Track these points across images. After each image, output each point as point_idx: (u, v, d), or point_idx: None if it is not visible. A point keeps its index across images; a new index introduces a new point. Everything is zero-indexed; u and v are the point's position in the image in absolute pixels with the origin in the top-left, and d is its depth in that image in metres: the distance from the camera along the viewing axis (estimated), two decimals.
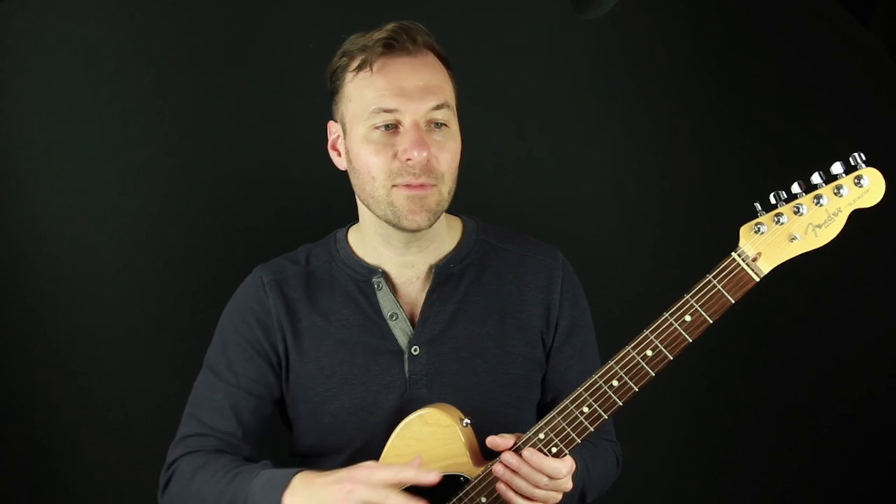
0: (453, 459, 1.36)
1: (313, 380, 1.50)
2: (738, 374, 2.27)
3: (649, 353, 1.29)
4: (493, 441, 1.34)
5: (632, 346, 1.29)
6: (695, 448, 2.30)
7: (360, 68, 1.43)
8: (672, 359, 1.28)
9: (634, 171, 2.21)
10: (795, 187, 1.24)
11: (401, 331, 1.50)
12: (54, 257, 2.02)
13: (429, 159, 1.38)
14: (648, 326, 1.29)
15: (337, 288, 1.53)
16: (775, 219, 1.25)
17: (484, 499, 1.36)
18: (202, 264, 2.06)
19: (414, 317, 1.51)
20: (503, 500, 1.35)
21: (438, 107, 1.41)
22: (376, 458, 1.37)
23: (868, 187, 1.23)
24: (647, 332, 1.29)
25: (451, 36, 1.52)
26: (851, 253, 1.62)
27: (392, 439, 1.38)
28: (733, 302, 1.26)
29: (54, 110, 1.99)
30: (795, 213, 1.24)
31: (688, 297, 1.27)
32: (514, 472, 1.33)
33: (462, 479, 1.37)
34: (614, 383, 1.30)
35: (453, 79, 1.49)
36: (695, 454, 2.30)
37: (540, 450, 1.32)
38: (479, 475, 1.36)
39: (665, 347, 1.28)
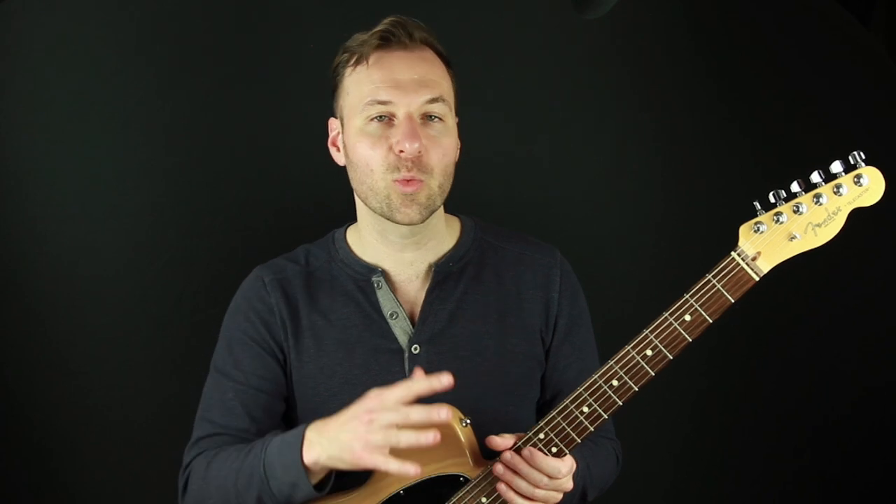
0: (453, 459, 1.36)
1: (314, 379, 1.50)
2: (738, 374, 2.27)
3: (649, 352, 1.29)
4: (493, 441, 1.34)
5: (631, 345, 1.29)
6: (695, 448, 2.30)
7: (357, 62, 1.44)
8: (672, 358, 1.28)
9: (634, 171, 2.21)
10: (795, 186, 1.24)
11: (401, 330, 1.49)
12: (54, 257, 2.02)
13: (420, 152, 1.39)
14: (648, 326, 1.29)
15: (337, 287, 1.53)
16: (775, 218, 1.25)
17: (484, 499, 1.36)
18: (202, 264, 2.07)
19: (414, 315, 1.51)
20: (503, 500, 1.34)
21: (433, 100, 1.41)
22: None
23: (868, 186, 1.23)
24: (646, 331, 1.29)
25: (451, 36, 1.52)
26: (851, 252, 1.62)
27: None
28: (733, 301, 1.26)
29: (54, 110, 2.00)
30: (795, 212, 1.24)
31: (687, 296, 1.27)
32: (514, 471, 1.32)
33: (462, 478, 1.37)
34: (614, 383, 1.30)
35: (453, 77, 1.49)
36: (695, 454, 2.30)
37: (540, 449, 1.32)
38: (480, 475, 1.36)
39: (665, 347, 1.28)
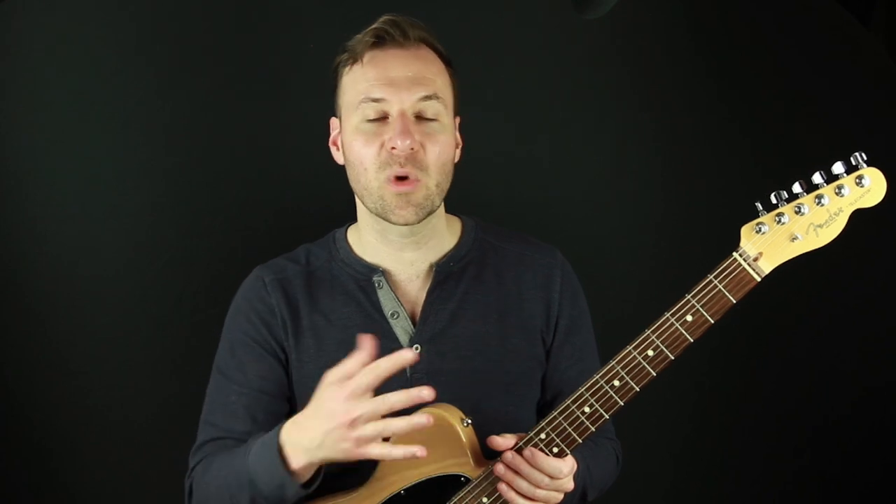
0: (454, 459, 1.36)
1: (315, 379, 1.47)
2: (738, 374, 2.27)
3: (650, 352, 1.29)
4: (494, 441, 1.34)
5: (633, 345, 1.29)
6: (695, 448, 2.30)
7: (353, 61, 1.45)
8: (673, 358, 1.28)
9: (634, 171, 2.21)
10: (797, 187, 1.24)
11: (402, 329, 1.49)
12: (54, 257, 2.02)
13: (413, 149, 1.38)
14: (650, 326, 1.29)
15: (338, 287, 1.53)
16: (776, 218, 1.25)
17: (485, 499, 1.36)
18: (202, 264, 2.06)
19: (415, 315, 1.51)
20: (504, 500, 1.34)
21: (427, 97, 1.41)
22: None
23: (869, 187, 1.23)
24: (648, 331, 1.29)
25: (451, 36, 1.52)
26: (852, 253, 1.62)
27: (392, 439, 1.37)
28: (734, 302, 1.26)
29: (54, 110, 1.99)
30: (797, 212, 1.24)
31: (689, 296, 1.27)
32: (515, 471, 1.32)
33: (463, 479, 1.37)
34: (615, 383, 1.30)
35: (452, 76, 1.49)
36: (695, 454, 2.30)
37: (541, 449, 1.32)
38: (480, 475, 1.36)
39: (666, 347, 1.28)
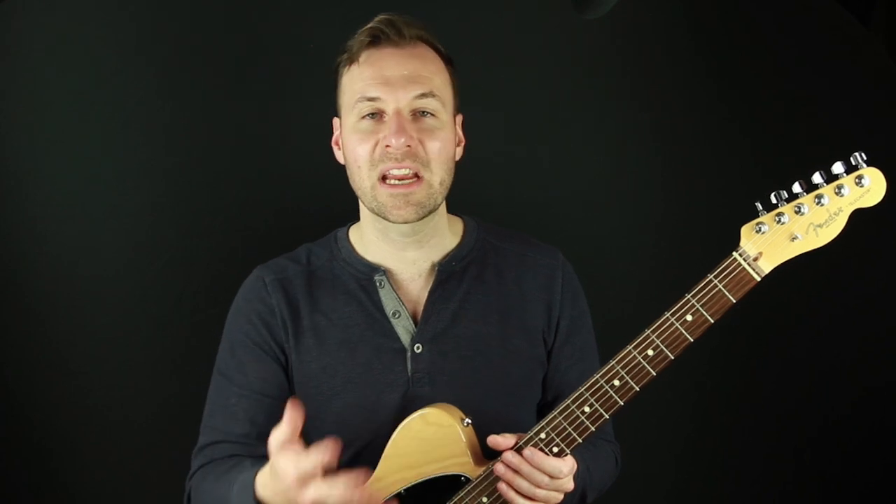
0: (454, 459, 1.36)
1: (316, 379, 1.50)
2: (738, 374, 2.27)
3: (650, 352, 1.29)
4: (494, 440, 1.34)
5: (633, 345, 1.29)
6: (695, 448, 2.30)
7: (351, 61, 1.45)
8: (673, 358, 1.28)
9: (634, 171, 2.21)
10: (796, 187, 1.24)
11: (403, 329, 1.49)
12: (54, 257, 2.02)
13: (409, 145, 1.39)
14: (650, 326, 1.29)
15: (339, 286, 1.52)
16: (776, 218, 1.25)
17: (485, 499, 1.36)
18: (202, 264, 2.06)
19: (416, 315, 1.51)
20: (504, 500, 1.34)
21: (423, 95, 1.41)
22: (379, 456, 1.37)
23: (869, 187, 1.23)
24: (648, 331, 1.29)
25: (451, 36, 1.52)
26: (852, 253, 1.62)
27: (393, 438, 1.37)
28: (734, 301, 1.26)
29: (54, 110, 1.99)
30: (797, 212, 1.24)
31: (689, 296, 1.27)
32: (515, 471, 1.32)
33: (463, 478, 1.36)
34: (616, 383, 1.30)
35: (452, 75, 1.49)
36: (695, 454, 2.30)
37: (541, 449, 1.32)
38: (480, 475, 1.36)
39: (666, 347, 1.28)
